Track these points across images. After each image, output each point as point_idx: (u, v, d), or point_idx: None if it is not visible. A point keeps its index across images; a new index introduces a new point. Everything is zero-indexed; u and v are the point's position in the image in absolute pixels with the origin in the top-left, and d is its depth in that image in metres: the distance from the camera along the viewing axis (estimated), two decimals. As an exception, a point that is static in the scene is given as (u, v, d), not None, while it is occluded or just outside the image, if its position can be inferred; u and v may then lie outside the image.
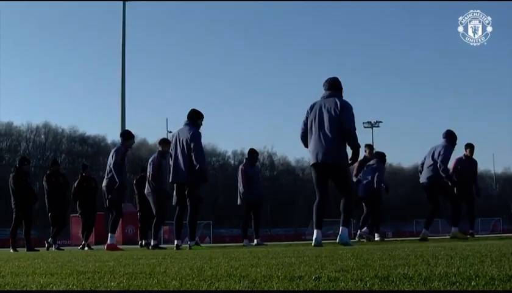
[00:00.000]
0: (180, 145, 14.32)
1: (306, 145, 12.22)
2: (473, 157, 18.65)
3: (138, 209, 19.89)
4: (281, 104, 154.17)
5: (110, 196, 16.75)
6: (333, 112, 11.77)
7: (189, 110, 14.62)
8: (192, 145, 14.12)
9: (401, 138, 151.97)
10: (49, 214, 20.08)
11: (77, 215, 21.87)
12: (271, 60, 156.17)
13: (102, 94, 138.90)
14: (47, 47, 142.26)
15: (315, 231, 12.13)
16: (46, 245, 20.55)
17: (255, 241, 18.61)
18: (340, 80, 12.28)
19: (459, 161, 18.29)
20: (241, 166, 19.51)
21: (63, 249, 20.02)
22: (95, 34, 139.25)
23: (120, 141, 17.32)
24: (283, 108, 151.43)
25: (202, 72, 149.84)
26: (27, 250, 18.74)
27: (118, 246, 17.34)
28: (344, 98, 12.00)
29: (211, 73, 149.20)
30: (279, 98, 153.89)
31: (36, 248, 19.81)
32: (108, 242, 16.66)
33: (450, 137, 16.35)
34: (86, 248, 19.93)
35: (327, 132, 11.77)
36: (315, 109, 11.97)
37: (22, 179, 19.45)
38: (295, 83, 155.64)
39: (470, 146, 18.61)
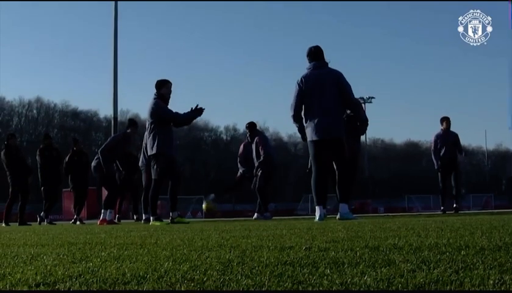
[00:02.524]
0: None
1: (298, 120, 11.83)
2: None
3: None
4: (274, 79, 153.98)
5: (97, 174, 17.47)
6: (335, 85, 11.63)
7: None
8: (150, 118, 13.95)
9: (393, 114, 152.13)
10: (42, 188, 20.02)
11: (69, 189, 21.81)
12: (263, 35, 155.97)
13: (95, 69, 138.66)
14: (39, 23, 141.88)
15: (317, 208, 11.62)
16: (38, 219, 20.52)
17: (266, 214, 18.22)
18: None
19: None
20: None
21: (55, 224, 19.98)
22: (87, 8, 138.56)
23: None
24: (276, 84, 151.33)
25: (194, 47, 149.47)
26: (19, 224, 18.70)
27: (114, 221, 17.44)
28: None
29: (204, 48, 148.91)
30: (272, 73, 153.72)
31: (28, 223, 19.74)
32: (101, 217, 16.87)
33: None
34: (78, 223, 19.94)
35: (332, 105, 11.63)
36: (313, 82, 11.61)
37: (12, 153, 19.38)
38: (288, 57, 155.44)
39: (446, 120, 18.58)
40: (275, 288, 2.13)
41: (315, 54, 11.86)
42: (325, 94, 11.53)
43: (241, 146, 19.03)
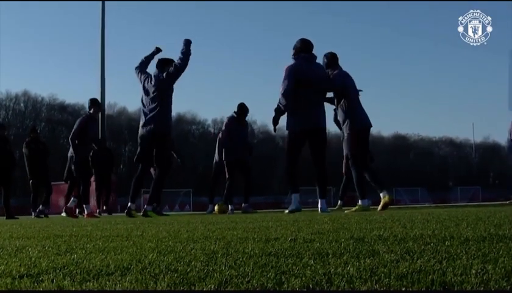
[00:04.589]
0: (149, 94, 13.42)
1: (289, 107, 11.81)
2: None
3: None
4: (262, 72, 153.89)
5: (72, 167, 17.07)
6: (325, 78, 12.02)
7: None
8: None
9: (381, 106, 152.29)
10: (30, 181, 19.87)
11: (62, 182, 21.72)
12: (251, 29, 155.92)
13: (82, 62, 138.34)
14: (26, 15, 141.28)
15: (294, 196, 11.93)
16: (37, 213, 20.11)
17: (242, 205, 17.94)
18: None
19: None
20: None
21: (42, 217, 19.86)
22: (75, 1, 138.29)
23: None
24: (264, 76, 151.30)
25: (181, 40, 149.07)
26: (7, 218, 18.57)
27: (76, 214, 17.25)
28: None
29: (194, 42, 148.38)
30: (259, 66, 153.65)
31: (16, 216, 19.61)
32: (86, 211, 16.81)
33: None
34: (63, 214, 19.79)
35: (319, 99, 11.83)
36: (305, 74, 11.75)
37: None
38: (276, 50, 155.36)
39: None
40: (258, 278, 2.14)
41: (307, 47, 12.03)
42: (316, 87, 11.67)
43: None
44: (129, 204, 13.60)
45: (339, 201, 16.31)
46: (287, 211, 11.81)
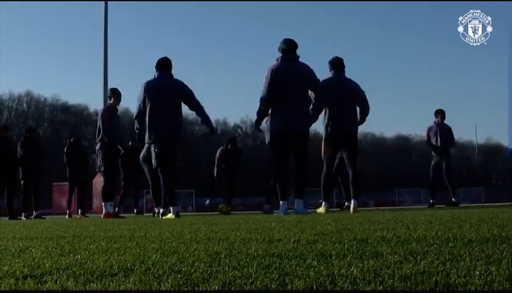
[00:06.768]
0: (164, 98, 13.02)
1: (266, 112, 11.86)
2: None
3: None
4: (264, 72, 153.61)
5: (99, 161, 15.84)
6: (306, 77, 11.78)
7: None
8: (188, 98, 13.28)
9: (383, 107, 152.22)
10: (22, 182, 19.58)
11: (65, 182, 21.63)
12: (252, 29, 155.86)
13: (85, 63, 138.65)
14: (28, 15, 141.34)
15: (282, 203, 11.68)
16: (26, 213, 20.02)
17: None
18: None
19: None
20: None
21: (45, 218, 19.82)
22: (77, 1, 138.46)
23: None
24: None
25: (184, 42, 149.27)
26: (9, 219, 18.49)
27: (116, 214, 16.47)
28: None
29: (195, 42, 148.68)
30: (262, 67, 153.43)
31: (18, 217, 19.51)
32: (104, 211, 15.86)
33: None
34: (67, 217, 19.72)
35: (301, 98, 11.69)
36: (284, 75, 11.61)
37: (1, 146, 19.12)
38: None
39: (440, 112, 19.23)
40: (261, 279, 2.14)
41: (293, 46, 11.92)
42: (295, 88, 11.53)
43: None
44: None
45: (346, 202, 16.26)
46: (275, 214, 11.79)
